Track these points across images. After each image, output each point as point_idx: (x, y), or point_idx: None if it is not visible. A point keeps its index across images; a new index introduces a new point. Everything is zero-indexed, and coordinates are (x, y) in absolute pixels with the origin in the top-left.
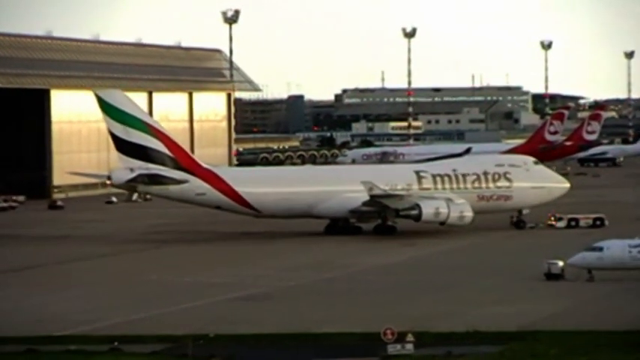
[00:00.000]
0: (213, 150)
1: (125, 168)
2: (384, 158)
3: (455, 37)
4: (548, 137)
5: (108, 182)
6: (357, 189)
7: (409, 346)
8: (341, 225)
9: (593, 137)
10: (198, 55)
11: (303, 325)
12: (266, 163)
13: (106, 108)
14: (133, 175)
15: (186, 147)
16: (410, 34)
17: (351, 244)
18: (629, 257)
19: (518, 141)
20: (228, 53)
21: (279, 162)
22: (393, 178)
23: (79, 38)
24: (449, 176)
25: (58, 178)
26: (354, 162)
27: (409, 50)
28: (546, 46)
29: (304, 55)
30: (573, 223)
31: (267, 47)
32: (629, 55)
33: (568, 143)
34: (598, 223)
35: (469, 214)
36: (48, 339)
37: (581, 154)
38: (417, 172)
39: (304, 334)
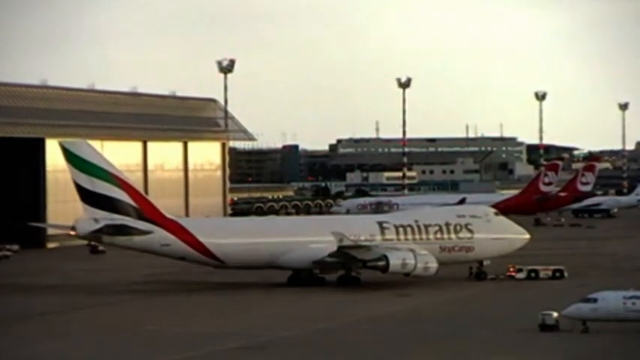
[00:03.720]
0: (208, 199)
1: (89, 218)
2: (378, 208)
3: (449, 88)
4: (543, 188)
5: (72, 233)
6: (321, 239)
7: None
8: (304, 276)
9: (587, 188)
10: (193, 104)
11: None
12: (261, 212)
13: (71, 158)
14: (99, 225)
15: (182, 196)
16: (405, 85)
17: (344, 294)
18: (624, 309)
19: (513, 191)
20: (223, 103)
21: (273, 211)
22: (357, 229)
23: (74, 87)
24: (411, 227)
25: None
26: (348, 212)
27: (404, 100)
28: (540, 96)
29: (299, 105)
30: (533, 275)
31: (262, 97)
32: (624, 107)
33: (562, 194)
34: (557, 274)
35: (434, 265)
36: None
37: (576, 205)
38: (380, 223)
39: None
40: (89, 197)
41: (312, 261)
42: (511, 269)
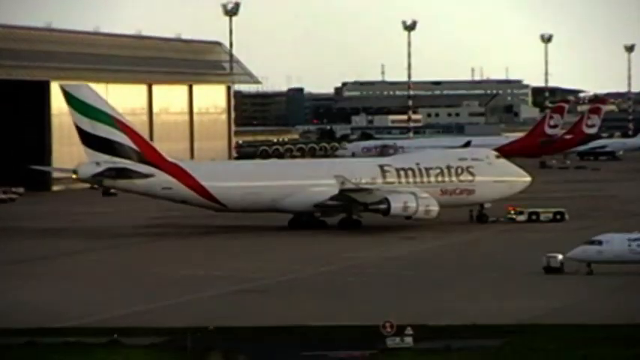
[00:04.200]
0: (213, 143)
1: (91, 162)
2: (383, 151)
3: (455, 31)
4: (548, 131)
5: (74, 176)
6: (323, 183)
7: (408, 339)
8: (305, 219)
9: (593, 131)
10: (197, 47)
11: (303, 319)
12: (266, 155)
13: (73, 102)
14: (101, 169)
15: (187, 140)
16: (410, 27)
17: (349, 238)
18: (629, 251)
19: (518, 134)
20: (228, 46)
21: (278, 154)
22: (358, 172)
23: (79, 30)
24: (412, 170)
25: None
26: (353, 155)
27: (409, 44)
28: (546, 39)
29: (304, 48)
30: (534, 217)
31: (267, 40)
32: (630, 49)
33: (568, 137)
34: (558, 217)
35: (435, 208)
36: (47, 331)
37: (581, 148)
38: (381, 167)
39: (304, 327)
40: (91, 140)
41: (314, 204)
42: (512, 211)
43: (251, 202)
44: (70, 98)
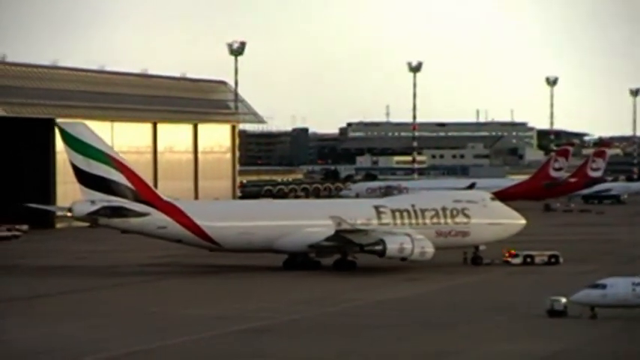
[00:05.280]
0: (217, 182)
1: (86, 200)
2: (387, 192)
3: (460, 73)
4: (553, 173)
5: (69, 214)
6: (318, 223)
7: None
8: (300, 260)
9: (597, 174)
10: (203, 86)
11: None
12: (270, 195)
13: (68, 140)
14: (96, 207)
15: (191, 179)
16: (415, 69)
17: (351, 279)
18: (633, 295)
19: (523, 177)
20: (233, 85)
21: (282, 195)
22: (353, 213)
23: (85, 68)
24: (408, 211)
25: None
26: (357, 196)
27: (414, 85)
28: (552, 82)
29: (310, 88)
30: (529, 260)
31: (272, 80)
32: (635, 93)
33: (572, 180)
34: (553, 260)
35: (430, 249)
36: None
37: (586, 191)
38: (377, 207)
39: None
40: (86, 179)
41: (308, 245)
42: (506, 254)
43: (246, 241)
44: (66, 136)
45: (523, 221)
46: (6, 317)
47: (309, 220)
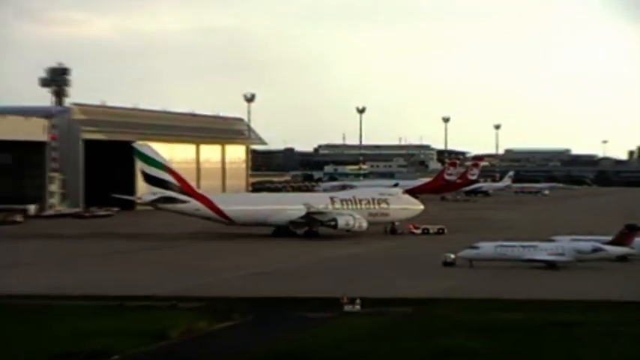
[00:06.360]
0: (237, 182)
1: (150, 193)
2: (343, 188)
3: (391, 113)
4: (447, 177)
5: (139, 201)
6: (295, 208)
7: (357, 307)
8: (283, 231)
9: (474, 178)
10: (228, 121)
11: (292, 291)
12: (269, 190)
13: (139, 155)
14: (156, 197)
15: (220, 179)
16: (361, 111)
17: (316, 243)
18: (495, 253)
19: (428, 179)
20: (247, 120)
21: (276, 189)
22: (317, 202)
23: (154, 109)
24: (351, 200)
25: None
26: (324, 191)
27: (360, 121)
28: (446, 120)
29: (295, 121)
30: (426, 231)
31: (271, 116)
32: (497, 127)
33: (459, 181)
34: (440, 231)
35: (365, 224)
36: (131, 298)
37: (467, 189)
38: (332, 198)
39: (293, 298)
40: (149, 179)
41: (289, 221)
42: (412, 227)
43: (250, 218)
44: (136, 152)
45: (422, 207)
46: (100, 265)
47: (290, 205)
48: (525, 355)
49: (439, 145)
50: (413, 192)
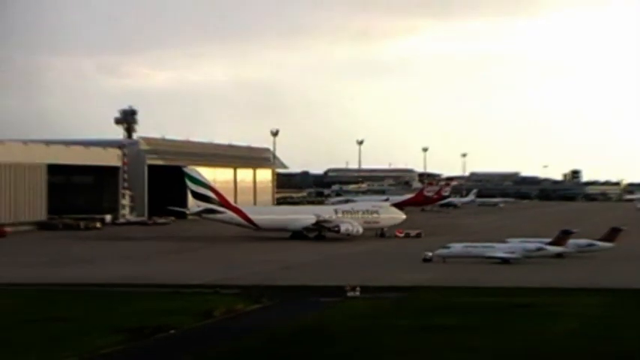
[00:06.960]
0: (265, 197)
1: (197, 206)
2: (347, 202)
3: (385, 145)
4: (426, 194)
5: (188, 212)
6: (308, 217)
7: (357, 293)
8: (298, 234)
9: (447, 194)
10: (258, 151)
11: (307, 281)
12: (289, 203)
13: (187, 176)
14: (200, 209)
15: (251, 197)
16: (360, 142)
17: (324, 244)
18: (464, 252)
19: (411, 195)
20: (272, 149)
21: (295, 203)
22: (324, 212)
23: (202, 141)
24: (349, 212)
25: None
26: (332, 204)
27: (359, 152)
28: (425, 150)
29: (310, 151)
30: (408, 234)
31: (291, 146)
32: (464, 155)
33: (435, 197)
34: (419, 235)
35: (361, 230)
36: (183, 286)
37: (441, 202)
38: (335, 210)
39: (308, 286)
40: (196, 196)
41: (303, 227)
42: (397, 232)
43: (273, 225)
44: (187, 175)
45: (404, 216)
46: (156, 263)
47: (304, 215)
48: (492, 328)
49: (420, 169)
50: (400, 205)
